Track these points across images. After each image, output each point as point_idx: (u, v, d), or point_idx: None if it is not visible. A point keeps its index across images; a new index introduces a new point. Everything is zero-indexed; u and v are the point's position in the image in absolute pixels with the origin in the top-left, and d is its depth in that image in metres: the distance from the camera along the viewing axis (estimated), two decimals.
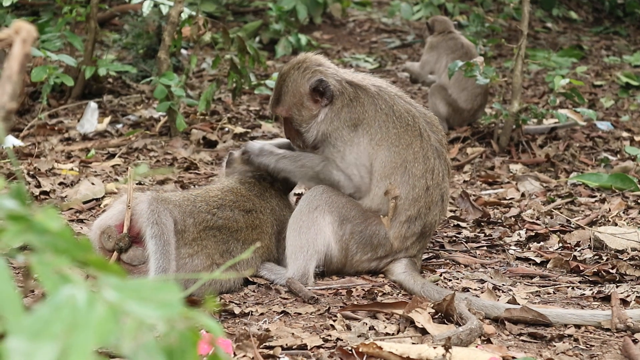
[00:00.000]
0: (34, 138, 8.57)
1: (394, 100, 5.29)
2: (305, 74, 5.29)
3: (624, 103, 11.55)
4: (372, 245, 5.17)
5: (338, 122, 5.19)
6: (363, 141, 5.16)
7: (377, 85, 5.36)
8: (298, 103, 5.30)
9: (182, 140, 8.56)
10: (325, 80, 5.23)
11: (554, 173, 8.17)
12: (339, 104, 5.22)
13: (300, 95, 5.29)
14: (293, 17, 14.70)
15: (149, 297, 1.44)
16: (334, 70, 5.39)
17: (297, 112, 5.31)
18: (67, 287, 1.43)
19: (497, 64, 13.39)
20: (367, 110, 5.20)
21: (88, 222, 6.07)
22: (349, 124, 5.18)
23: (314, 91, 5.25)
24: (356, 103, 5.22)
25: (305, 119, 5.30)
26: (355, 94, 5.24)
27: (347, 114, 5.19)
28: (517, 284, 5.24)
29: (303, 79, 5.29)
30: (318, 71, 5.30)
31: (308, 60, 5.40)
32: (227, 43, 8.99)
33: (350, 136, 5.17)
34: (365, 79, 5.43)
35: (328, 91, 5.22)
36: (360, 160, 5.16)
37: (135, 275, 4.69)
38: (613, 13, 16.60)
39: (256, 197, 5.24)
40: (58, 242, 1.54)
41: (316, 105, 5.27)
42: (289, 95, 5.32)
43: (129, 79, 10.89)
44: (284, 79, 5.36)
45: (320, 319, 4.47)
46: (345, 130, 5.17)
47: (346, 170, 5.16)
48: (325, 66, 5.39)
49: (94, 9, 9.29)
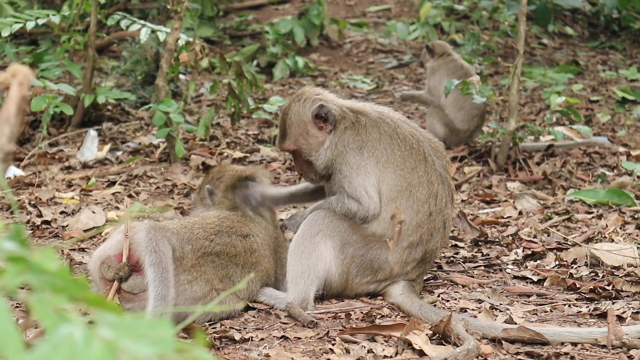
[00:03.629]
0: (34, 167, 8.64)
1: (397, 124, 5.36)
2: (306, 103, 5.39)
3: (620, 118, 11.60)
4: (372, 269, 5.22)
5: (342, 147, 5.26)
6: (369, 163, 5.22)
7: (378, 111, 5.45)
8: (304, 132, 5.39)
9: (182, 166, 8.62)
10: (326, 105, 5.32)
11: (551, 190, 8.22)
12: (342, 128, 5.30)
13: (304, 124, 5.38)
14: (290, 39, 14.78)
15: (144, 333, 1.50)
16: (333, 98, 5.49)
17: (304, 141, 5.40)
18: (65, 325, 1.49)
19: (494, 82, 13.45)
20: (370, 132, 5.27)
21: (89, 251, 6.12)
22: (353, 146, 5.24)
23: (316, 118, 5.34)
24: (359, 126, 5.29)
25: (314, 147, 5.38)
26: (356, 118, 5.33)
27: (350, 137, 5.27)
28: (514, 302, 5.29)
29: (304, 108, 5.38)
30: (318, 99, 5.40)
31: (307, 92, 5.52)
32: (225, 68, 9.06)
33: (355, 160, 5.23)
34: (366, 106, 5.51)
35: (330, 116, 5.31)
36: (369, 181, 5.21)
37: (136, 303, 4.75)
38: (609, 28, 16.67)
39: (250, 221, 5.31)
40: (56, 281, 1.60)
41: (321, 133, 5.36)
42: (294, 127, 5.40)
43: (128, 106, 10.96)
44: (287, 113, 5.46)
45: (319, 343, 4.52)
46: (349, 154, 5.24)
47: (354, 194, 5.21)
48: (324, 94, 5.50)
49: (92, 37, 9.36)
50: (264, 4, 17.21)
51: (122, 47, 12.62)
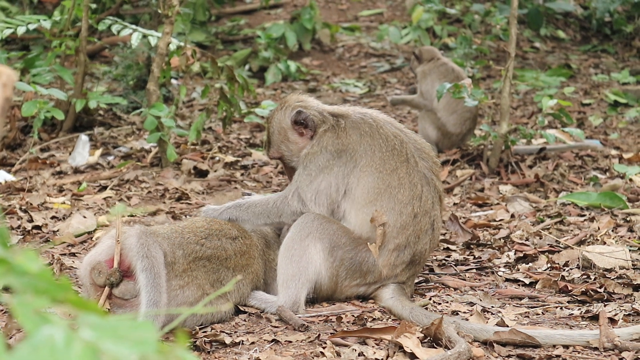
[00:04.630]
0: (25, 172, 8.62)
1: (379, 125, 5.34)
2: (286, 111, 5.47)
3: (612, 121, 11.62)
4: (361, 272, 5.21)
5: (318, 147, 5.27)
6: (343, 170, 5.21)
7: (361, 112, 5.44)
8: (285, 140, 5.46)
9: (173, 171, 8.60)
10: (304, 111, 5.36)
11: (544, 193, 8.22)
12: (321, 132, 5.31)
13: (284, 132, 5.46)
14: (282, 44, 14.79)
15: (125, 335, 1.49)
16: (315, 104, 5.52)
17: (286, 148, 5.47)
18: (47, 327, 1.48)
19: (486, 85, 13.46)
20: (350, 134, 5.26)
21: (80, 256, 6.11)
22: (330, 149, 5.23)
23: (296, 124, 5.39)
24: (338, 129, 5.29)
25: (295, 153, 5.45)
26: (336, 122, 5.33)
27: (329, 139, 5.26)
28: (506, 305, 5.28)
29: (284, 116, 5.47)
30: (298, 106, 5.44)
31: (289, 99, 5.61)
32: (216, 72, 9.05)
33: (325, 162, 5.22)
34: (349, 109, 5.50)
35: (309, 121, 5.34)
36: (330, 189, 5.21)
37: (128, 309, 4.72)
38: (601, 31, 16.69)
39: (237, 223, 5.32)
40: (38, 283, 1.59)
41: (302, 139, 5.40)
42: (275, 134, 5.49)
43: (120, 111, 10.94)
44: (270, 121, 5.58)
45: (310, 346, 4.51)
46: (323, 155, 5.23)
47: (304, 194, 5.22)
48: (307, 101, 5.54)
49: (83, 42, 9.35)
50: (256, 8, 17.22)
51: (114, 52, 12.61)
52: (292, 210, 5.27)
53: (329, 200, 5.22)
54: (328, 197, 5.22)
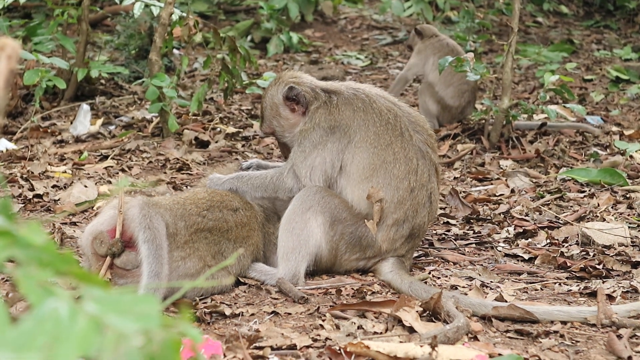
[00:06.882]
0: (27, 141, 8.62)
1: (373, 99, 5.33)
2: (279, 87, 5.51)
3: (614, 97, 11.60)
4: (361, 246, 5.22)
5: (311, 124, 5.28)
6: (337, 146, 5.22)
7: (354, 88, 5.44)
8: (277, 115, 5.50)
9: (175, 141, 8.61)
10: (295, 87, 5.39)
11: (544, 168, 8.22)
12: (314, 108, 5.34)
13: (276, 107, 5.50)
14: (284, 15, 14.75)
15: (129, 309, 1.50)
16: (308, 81, 5.53)
17: (277, 124, 5.52)
18: (51, 300, 1.49)
19: (488, 60, 13.44)
20: (342, 110, 5.27)
21: (81, 225, 6.12)
22: (323, 125, 5.24)
23: (287, 100, 5.43)
24: (331, 106, 5.30)
25: (286, 129, 5.49)
26: (329, 98, 5.34)
27: (322, 116, 5.27)
28: (505, 280, 5.30)
29: (277, 92, 5.50)
30: (290, 82, 5.46)
31: (283, 75, 5.64)
32: (218, 43, 9.03)
33: (319, 138, 5.23)
34: (342, 85, 5.51)
35: (301, 97, 5.37)
36: (324, 165, 5.22)
37: (129, 279, 4.73)
38: (603, 7, 16.65)
39: (237, 194, 5.34)
40: (42, 255, 1.60)
41: (294, 115, 5.43)
42: (268, 110, 5.54)
43: (121, 80, 10.93)
44: (263, 97, 5.63)
45: (309, 319, 4.53)
46: (316, 131, 5.25)
47: (299, 170, 5.24)
48: (300, 78, 5.56)
49: (86, 11, 9.33)
50: None
51: (116, 22, 12.58)
52: (287, 187, 5.30)
53: (324, 177, 5.23)
54: (323, 174, 5.22)
